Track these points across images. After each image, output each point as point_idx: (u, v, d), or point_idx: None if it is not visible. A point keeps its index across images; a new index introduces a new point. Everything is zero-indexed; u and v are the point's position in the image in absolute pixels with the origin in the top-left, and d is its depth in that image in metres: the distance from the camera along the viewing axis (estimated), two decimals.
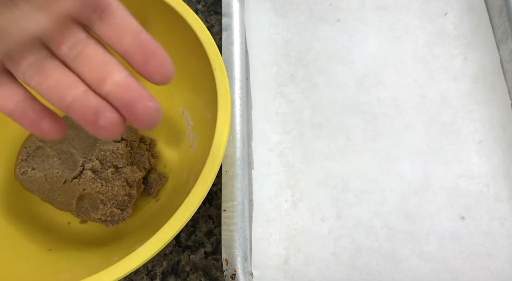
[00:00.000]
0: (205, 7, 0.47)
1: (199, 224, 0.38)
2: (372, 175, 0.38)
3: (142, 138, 0.38)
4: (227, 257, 0.33)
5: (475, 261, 0.35)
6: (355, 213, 0.37)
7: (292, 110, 0.41)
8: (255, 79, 0.42)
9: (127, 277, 0.37)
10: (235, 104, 0.38)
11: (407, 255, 0.36)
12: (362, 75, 0.42)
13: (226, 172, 0.36)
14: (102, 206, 0.33)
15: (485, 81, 0.41)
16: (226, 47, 0.40)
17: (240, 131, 0.37)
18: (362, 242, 0.36)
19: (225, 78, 0.31)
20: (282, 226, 0.37)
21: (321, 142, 0.40)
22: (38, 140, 0.36)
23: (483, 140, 0.39)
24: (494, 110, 0.40)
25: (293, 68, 0.43)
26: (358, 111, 0.41)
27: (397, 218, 0.37)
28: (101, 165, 0.34)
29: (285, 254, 0.36)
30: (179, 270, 0.37)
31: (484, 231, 0.36)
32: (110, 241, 0.35)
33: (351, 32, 0.44)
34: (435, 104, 0.41)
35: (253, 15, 0.45)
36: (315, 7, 0.46)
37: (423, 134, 0.40)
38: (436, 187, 0.38)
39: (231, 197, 0.35)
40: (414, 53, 0.43)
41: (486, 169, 0.38)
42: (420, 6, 0.45)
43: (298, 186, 0.38)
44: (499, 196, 0.37)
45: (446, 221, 0.37)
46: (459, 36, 0.43)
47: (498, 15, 0.43)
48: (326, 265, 0.36)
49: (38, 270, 0.32)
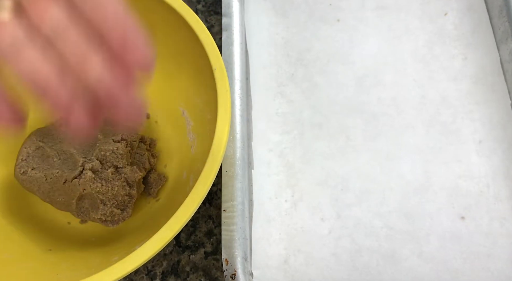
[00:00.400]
0: (205, 7, 0.47)
1: (199, 224, 0.38)
2: (372, 175, 0.38)
3: (142, 138, 0.38)
4: (227, 257, 0.33)
5: (475, 261, 0.35)
6: (355, 213, 0.37)
7: (292, 110, 0.41)
8: (255, 79, 0.42)
9: (127, 277, 0.37)
10: (235, 104, 0.38)
11: (407, 255, 0.36)
12: (362, 75, 0.42)
13: (226, 172, 0.36)
14: (102, 206, 0.33)
15: (485, 81, 0.41)
16: (226, 47, 0.40)
17: (240, 131, 0.37)
18: (362, 242, 0.36)
19: (225, 78, 0.31)
20: (282, 226, 0.37)
21: (321, 142, 0.40)
22: (38, 140, 0.36)
23: (483, 140, 0.39)
24: (494, 110, 0.40)
25: (293, 68, 0.43)
26: (358, 111, 0.41)
27: (397, 218, 0.37)
28: (101, 165, 0.34)
29: (285, 254, 0.36)
30: (179, 270, 0.37)
31: (484, 231, 0.36)
32: (110, 241, 0.35)
33: (351, 32, 0.44)
34: (435, 104, 0.41)
35: (253, 15, 0.45)
36: (315, 7, 0.46)
37: (423, 134, 0.40)
38: (436, 187, 0.38)
39: (231, 197, 0.35)
40: (414, 53, 0.43)
41: (486, 169, 0.38)
42: (420, 6, 0.45)
43: (298, 186, 0.38)
44: (499, 196, 0.37)
45: (446, 221, 0.37)
46: (459, 36, 0.43)
47: (498, 15, 0.43)
48: (326, 265, 0.36)
49: (38, 270, 0.32)
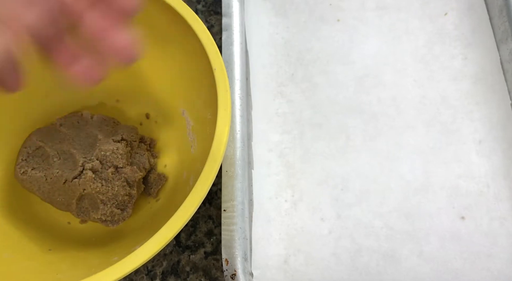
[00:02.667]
0: (205, 7, 0.47)
1: (199, 224, 0.38)
2: (372, 175, 0.38)
3: (142, 138, 0.38)
4: (227, 257, 0.33)
5: (475, 261, 0.35)
6: (355, 213, 0.37)
7: (292, 110, 0.41)
8: (255, 79, 0.42)
9: (127, 277, 0.37)
10: (235, 104, 0.38)
11: (407, 255, 0.36)
12: (362, 75, 0.42)
13: (226, 172, 0.36)
14: (102, 206, 0.33)
15: (485, 81, 0.41)
16: (226, 47, 0.40)
17: (240, 131, 0.37)
18: (362, 242, 0.36)
19: (225, 78, 0.31)
20: (282, 226, 0.37)
21: (321, 142, 0.40)
22: (38, 140, 0.36)
23: (483, 140, 0.39)
24: (494, 110, 0.40)
25: (293, 68, 0.43)
26: (358, 111, 0.41)
27: (397, 218, 0.37)
28: (101, 165, 0.34)
29: (285, 254, 0.36)
30: (179, 270, 0.37)
31: (484, 231, 0.36)
32: (110, 241, 0.35)
33: (351, 32, 0.44)
34: (435, 104, 0.41)
35: (253, 15, 0.45)
36: (315, 7, 0.46)
37: (423, 134, 0.40)
38: (436, 187, 0.38)
39: (231, 197, 0.35)
40: (414, 53, 0.43)
41: (486, 169, 0.38)
42: (420, 6, 0.45)
43: (298, 186, 0.38)
44: (499, 196, 0.37)
45: (446, 221, 0.37)
46: (459, 36, 0.43)
47: (498, 15, 0.43)
48: (326, 265, 0.36)
49: (38, 270, 0.32)
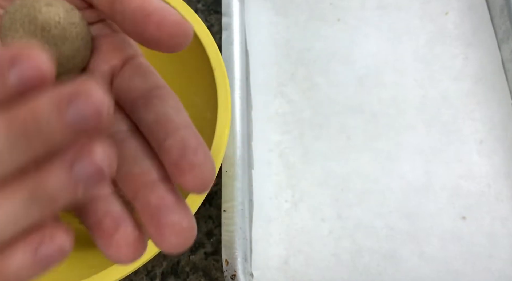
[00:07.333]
0: (205, 7, 0.47)
1: (199, 224, 0.38)
2: (372, 175, 0.38)
3: None
4: (227, 258, 0.33)
5: (476, 262, 0.35)
6: (355, 213, 0.37)
7: (292, 110, 0.41)
8: (255, 79, 0.42)
9: (127, 277, 0.37)
10: (235, 104, 0.38)
11: (407, 256, 0.35)
12: (362, 75, 0.42)
13: (226, 172, 0.36)
14: None
15: (486, 81, 0.41)
16: (226, 46, 0.40)
17: (240, 131, 0.37)
18: (363, 243, 0.36)
19: (225, 78, 0.31)
20: (282, 226, 0.37)
21: (321, 142, 0.40)
22: None
23: (484, 140, 0.39)
24: (495, 110, 0.40)
25: (293, 68, 0.43)
26: (358, 111, 0.41)
27: (397, 219, 0.37)
28: None
29: (285, 255, 0.36)
30: (179, 270, 0.37)
31: (485, 231, 0.36)
32: None
33: (351, 31, 0.44)
34: (435, 104, 0.41)
35: (253, 14, 0.45)
36: (316, 7, 0.46)
37: (424, 134, 0.40)
38: (437, 187, 0.38)
39: (231, 197, 0.35)
40: (415, 52, 0.43)
41: (487, 169, 0.38)
42: (421, 6, 0.45)
43: (299, 186, 0.38)
44: (500, 196, 0.37)
45: (447, 221, 0.36)
46: (460, 36, 0.43)
47: (499, 15, 0.42)
48: (327, 265, 0.35)
49: None
